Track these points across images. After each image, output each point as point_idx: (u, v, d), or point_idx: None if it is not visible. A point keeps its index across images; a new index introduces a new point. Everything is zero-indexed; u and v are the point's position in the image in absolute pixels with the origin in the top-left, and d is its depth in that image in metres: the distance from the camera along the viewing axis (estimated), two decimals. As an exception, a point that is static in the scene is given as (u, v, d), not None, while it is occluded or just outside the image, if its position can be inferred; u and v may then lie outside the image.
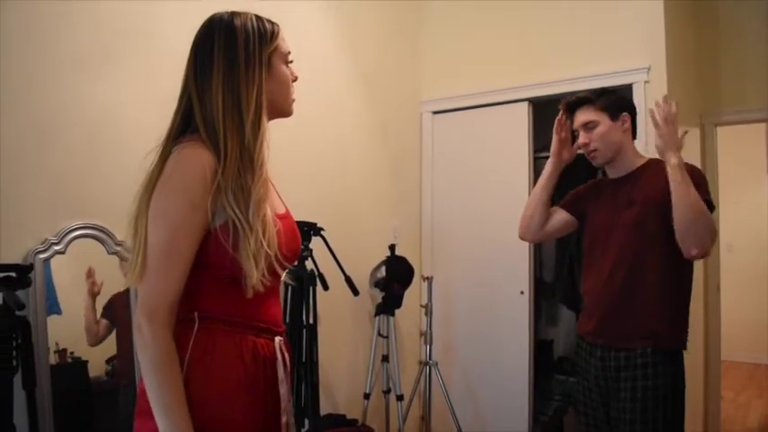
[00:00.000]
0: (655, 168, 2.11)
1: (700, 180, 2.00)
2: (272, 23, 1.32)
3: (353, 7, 3.58)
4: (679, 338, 2.04)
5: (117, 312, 2.30)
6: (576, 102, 2.24)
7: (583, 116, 2.20)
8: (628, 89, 3.25)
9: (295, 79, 1.36)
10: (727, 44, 3.93)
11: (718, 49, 3.96)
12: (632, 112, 2.22)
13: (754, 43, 3.79)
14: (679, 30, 3.57)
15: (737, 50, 3.89)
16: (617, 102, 2.21)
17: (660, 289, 2.02)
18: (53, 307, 2.14)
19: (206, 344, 1.20)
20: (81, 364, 2.23)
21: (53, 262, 2.12)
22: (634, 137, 2.23)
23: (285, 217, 1.35)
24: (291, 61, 1.35)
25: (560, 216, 2.36)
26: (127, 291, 2.32)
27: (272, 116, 1.32)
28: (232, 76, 1.23)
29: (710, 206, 1.97)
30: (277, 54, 1.31)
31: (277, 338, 1.31)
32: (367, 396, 3.39)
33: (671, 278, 2.04)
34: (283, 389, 1.30)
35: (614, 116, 2.17)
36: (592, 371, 2.13)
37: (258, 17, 1.31)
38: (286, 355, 1.33)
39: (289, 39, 1.36)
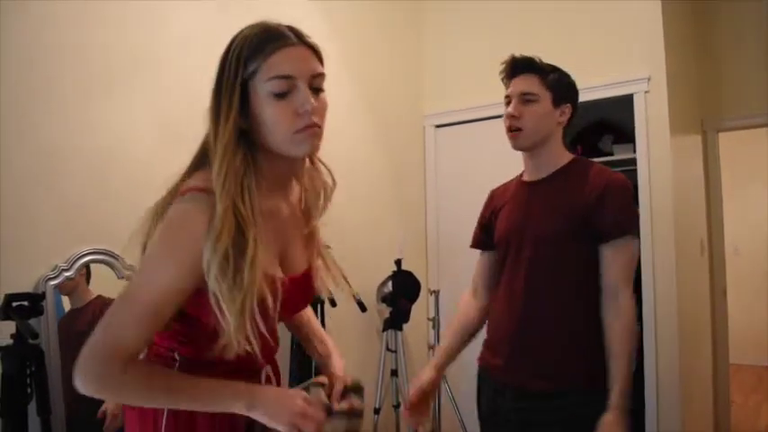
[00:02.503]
0: (580, 170, 1.80)
1: (626, 207, 1.73)
2: (274, 37, 1.11)
3: (354, 21, 3.60)
4: (602, 376, 1.64)
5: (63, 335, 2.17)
6: (524, 64, 1.82)
7: (524, 84, 1.79)
8: (628, 100, 3.27)
9: (307, 111, 1.13)
10: (728, 49, 3.94)
11: (718, 54, 3.98)
12: (575, 106, 1.86)
13: (755, 48, 3.81)
14: (679, 37, 3.58)
15: (738, 56, 3.91)
16: (566, 87, 1.84)
17: (581, 319, 1.71)
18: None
19: None
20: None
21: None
22: (565, 135, 1.89)
23: (294, 280, 1.23)
24: (286, 92, 1.12)
25: (487, 262, 1.98)
26: (72, 311, 2.21)
27: (273, 152, 1.15)
28: (213, 102, 1.11)
29: (637, 233, 1.74)
30: (258, 78, 1.08)
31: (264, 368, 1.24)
32: (377, 411, 3.38)
33: (591, 306, 1.70)
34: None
35: (557, 101, 1.80)
36: (501, 413, 1.79)
37: (265, 28, 1.11)
38: (273, 380, 1.26)
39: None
